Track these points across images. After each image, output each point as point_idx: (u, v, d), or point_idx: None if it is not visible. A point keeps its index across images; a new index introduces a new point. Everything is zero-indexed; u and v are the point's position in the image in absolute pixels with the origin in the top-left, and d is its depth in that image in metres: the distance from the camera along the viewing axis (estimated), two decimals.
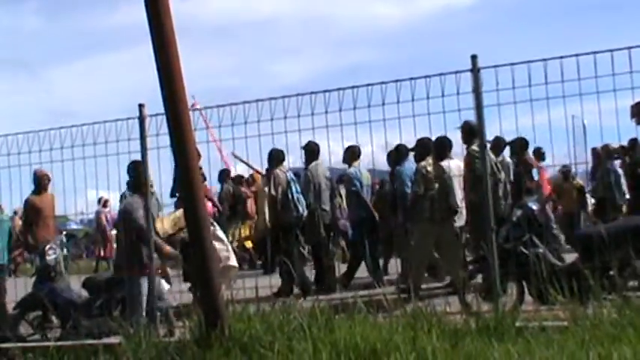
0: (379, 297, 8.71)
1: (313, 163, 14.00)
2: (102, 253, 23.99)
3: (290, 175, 13.94)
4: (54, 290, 10.92)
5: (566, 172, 18.52)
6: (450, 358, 6.43)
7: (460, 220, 12.55)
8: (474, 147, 11.58)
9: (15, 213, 23.34)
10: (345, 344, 6.91)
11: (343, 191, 15.77)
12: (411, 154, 13.36)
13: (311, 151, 13.72)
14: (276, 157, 13.48)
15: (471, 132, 11.48)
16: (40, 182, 13.50)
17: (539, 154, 15.52)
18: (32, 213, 13.69)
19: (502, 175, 12.35)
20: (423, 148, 12.52)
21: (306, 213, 13.68)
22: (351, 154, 14.13)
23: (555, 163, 17.70)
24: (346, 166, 14.49)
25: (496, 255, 8.63)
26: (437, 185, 12.26)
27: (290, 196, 13.64)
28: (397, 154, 13.80)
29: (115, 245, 22.62)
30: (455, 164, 12.46)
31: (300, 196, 13.73)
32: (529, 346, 6.65)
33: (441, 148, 12.42)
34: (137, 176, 9.85)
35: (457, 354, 6.57)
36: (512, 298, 9.39)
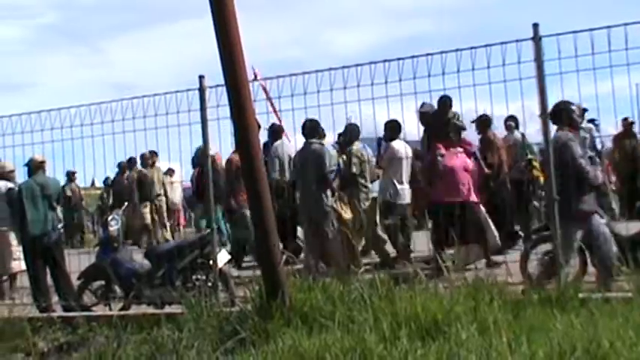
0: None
1: (278, 142, 14.29)
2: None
3: None
4: (117, 260, 11.06)
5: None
6: (512, 329, 6.37)
7: (404, 199, 13.02)
8: None
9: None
10: (406, 315, 6.88)
11: None
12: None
13: (274, 131, 14.10)
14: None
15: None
16: None
17: None
18: (235, 173, 13.10)
19: None
20: (352, 133, 13.02)
21: None
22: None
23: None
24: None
25: (559, 226, 8.52)
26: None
27: None
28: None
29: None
30: (402, 145, 12.95)
31: None
32: (592, 318, 6.57)
33: (391, 130, 12.94)
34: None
35: (519, 325, 6.51)
36: (575, 269, 9.29)
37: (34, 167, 12.04)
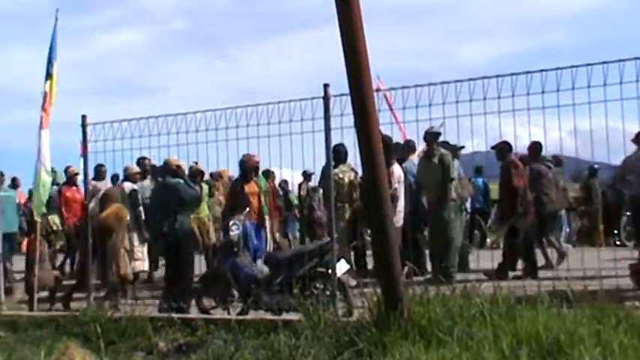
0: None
1: None
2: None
3: None
4: (236, 265, 11.14)
5: None
6: (639, 355, 6.15)
7: (398, 222, 12.90)
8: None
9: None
10: (527, 333, 6.75)
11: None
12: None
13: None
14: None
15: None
16: None
17: None
18: None
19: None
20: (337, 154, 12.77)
21: None
22: (408, 148, 14.66)
23: None
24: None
25: None
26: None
27: None
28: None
29: None
30: (400, 170, 13.16)
31: None
32: None
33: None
34: None
35: None
36: None
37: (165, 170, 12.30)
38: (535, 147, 14.20)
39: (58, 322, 10.02)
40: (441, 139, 13.28)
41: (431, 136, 13.07)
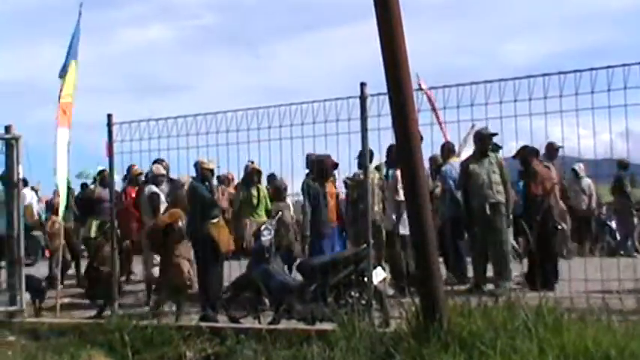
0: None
1: None
2: None
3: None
4: (268, 272, 10.87)
5: None
6: None
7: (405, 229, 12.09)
8: None
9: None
10: (575, 348, 6.49)
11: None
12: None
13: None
14: None
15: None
16: None
17: None
18: None
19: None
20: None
21: None
22: (447, 150, 14.16)
23: None
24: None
25: None
26: None
27: None
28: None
29: None
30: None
31: None
32: None
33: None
34: None
35: None
36: None
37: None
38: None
39: (82, 329, 9.89)
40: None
41: (487, 137, 12.61)
